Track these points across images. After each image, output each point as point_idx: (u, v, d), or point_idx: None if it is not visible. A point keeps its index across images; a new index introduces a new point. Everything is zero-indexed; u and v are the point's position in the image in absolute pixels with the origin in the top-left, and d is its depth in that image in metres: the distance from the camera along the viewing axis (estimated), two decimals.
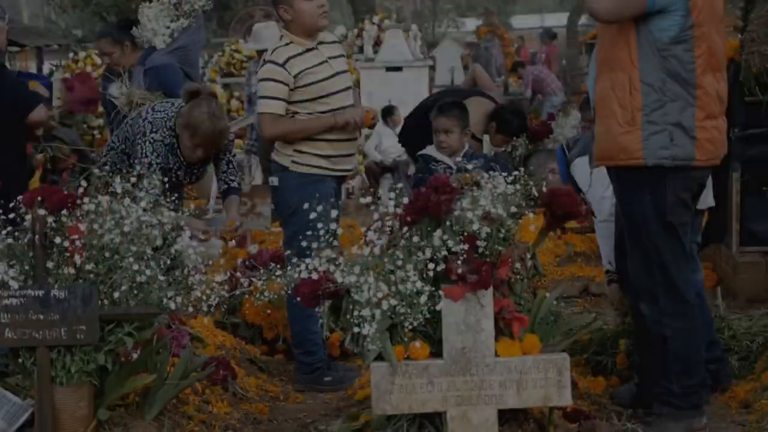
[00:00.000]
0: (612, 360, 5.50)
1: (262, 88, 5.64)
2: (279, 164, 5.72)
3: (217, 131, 5.68)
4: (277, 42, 5.72)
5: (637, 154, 4.44)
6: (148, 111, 5.90)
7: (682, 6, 4.35)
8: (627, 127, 4.45)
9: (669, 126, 4.41)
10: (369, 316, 3.97)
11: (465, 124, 6.40)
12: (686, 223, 4.62)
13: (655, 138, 4.41)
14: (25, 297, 4.02)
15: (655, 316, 4.61)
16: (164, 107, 5.91)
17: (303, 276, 4.11)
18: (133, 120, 5.92)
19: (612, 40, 4.51)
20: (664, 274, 4.55)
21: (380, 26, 19.04)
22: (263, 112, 5.64)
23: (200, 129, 5.62)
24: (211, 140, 5.70)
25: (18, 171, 4.99)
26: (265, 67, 5.65)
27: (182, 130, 5.68)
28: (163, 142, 5.72)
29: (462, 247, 4.03)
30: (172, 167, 5.77)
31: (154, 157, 5.67)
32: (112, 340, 4.11)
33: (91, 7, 26.56)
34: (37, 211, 4.02)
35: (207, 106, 5.65)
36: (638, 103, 4.43)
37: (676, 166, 4.43)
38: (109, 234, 4.07)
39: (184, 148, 5.74)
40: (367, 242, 4.16)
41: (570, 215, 4.33)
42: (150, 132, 5.71)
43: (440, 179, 4.14)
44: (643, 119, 4.43)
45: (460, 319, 4.07)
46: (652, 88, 4.41)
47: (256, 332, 6.40)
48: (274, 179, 5.75)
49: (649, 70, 4.41)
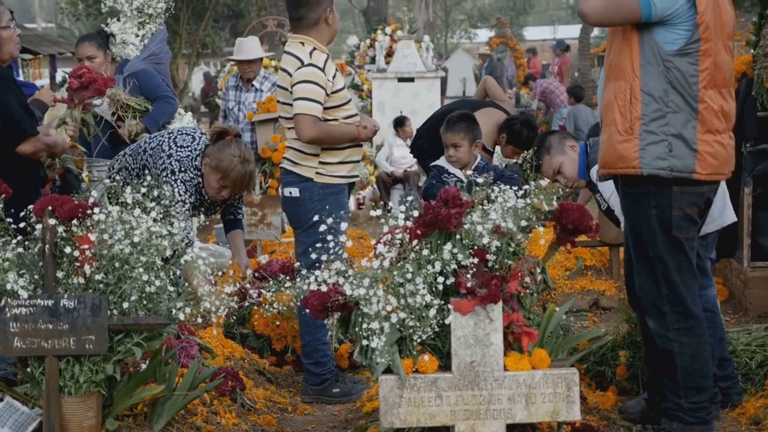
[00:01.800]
0: (612, 371, 5.49)
1: (303, 90, 5.58)
2: (299, 175, 5.72)
3: (247, 175, 5.68)
4: (300, 48, 5.69)
5: (633, 162, 4.45)
6: (170, 145, 5.76)
7: (688, 19, 4.35)
8: (625, 136, 4.46)
9: (669, 137, 4.40)
10: (378, 329, 3.97)
11: (474, 137, 6.39)
12: (692, 237, 4.61)
13: (653, 148, 4.41)
14: (35, 306, 4.02)
15: (662, 331, 4.60)
16: (186, 142, 5.78)
17: (312, 288, 4.11)
18: (153, 150, 5.79)
19: (618, 49, 4.52)
20: (670, 288, 4.55)
21: (393, 37, 19.08)
22: (304, 113, 5.58)
23: (231, 173, 5.60)
24: (241, 184, 5.69)
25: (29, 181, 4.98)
26: (307, 69, 5.60)
27: (210, 171, 5.64)
28: (193, 182, 5.69)
29: (472, 261, 4.03)
30: (197, 205, 5.78)
31: (188, 196, 5.65)
32: (120, 350, 4.11)
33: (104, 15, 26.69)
34: (47, 220, 4.03)
35: (237, 149, 5.63)
36: (637, 112, 4.43)
37: (675, 177, 4.42)
38: (119, 244, 4.08)
39: (209, 188, 5.70)
40: (376, 255, 4.16)
41: (580, 230, 4.32)
42: (179, 171, 5.64)
43: (450, 192, 4.14)
44: (641, 128, 4.43)
45: (469, 332, 4.06)
46: (652, 98, 4.40)
47: (265, 343, 6.40)
48: (294, 190, 5.73)
49: (650, 79, 4.41)
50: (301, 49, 5.67)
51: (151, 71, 7.43)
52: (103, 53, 7.35)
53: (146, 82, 7.30)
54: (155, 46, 7.71)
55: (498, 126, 7.49)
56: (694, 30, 4.36)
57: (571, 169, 5.77)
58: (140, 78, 7.28)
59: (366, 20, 34.49)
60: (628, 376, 5.42)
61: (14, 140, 4.88)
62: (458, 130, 6.38)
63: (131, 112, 6.84)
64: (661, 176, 4.41)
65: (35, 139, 4.93)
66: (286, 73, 5.69)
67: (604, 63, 4.71)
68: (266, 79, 9.93)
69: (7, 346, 4.04)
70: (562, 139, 5.90)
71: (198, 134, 5.85)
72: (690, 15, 4.35)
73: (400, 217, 4.18)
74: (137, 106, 7.00)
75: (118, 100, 6.99)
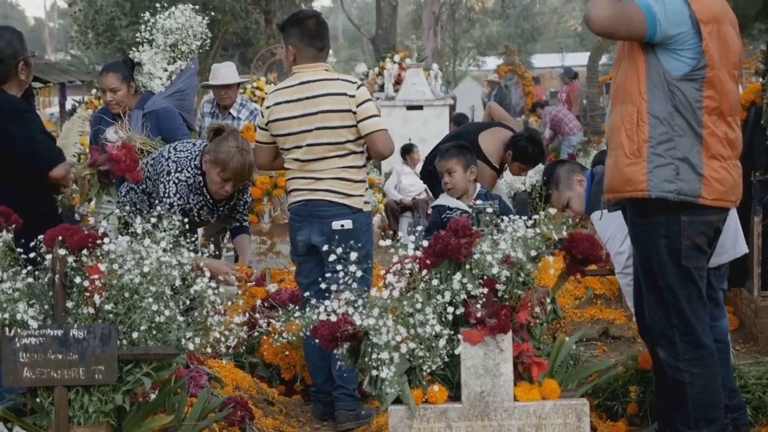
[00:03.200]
0: (623, 407, 5.47)
1: (372, 108, 5.73)
2: (350, 207, 5.74)
3: (246, 164, 5.73)
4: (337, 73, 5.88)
5: (641, 185, 4.44)
6: (170, 151, 5.93)
7: (693, 47, 4.35)
8: (633, 159, 4.45)
9: (676, 160, 4.39)
10: (387, 359, 3.96)
11: (468, 163, 6.43)
12: (702, 267, 4.59)
13: (660, 171, 4.40)
14: (44, 336, 4.02)
15: (673, 362, 4.57)
16: (186, 147, 5.96)
17: (322, 318, 4.11)
18: (155, 160, 5.94)
19: (625, 73, 4.52)
20: (680, 318, 4.53)
21: (401, 65, 19.13)
22: (384, 128, 5.76)
23: (230, 163, 5.66)
24: (241, 174, 5.73)
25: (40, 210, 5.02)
26: (365, 89, 5.79)
27: (210, 166, 5.71)
28: (187, 182, 5.75)
29: (481, 291, 4.02)
30: (193, 207, 5.80)
31: (177, 198, 5.71)
32: (130, 380, 4.10)
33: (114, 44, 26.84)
34: (57, 250, 4.03)
35: (234, 141, 5.71)
36: (645, 135, 4.42)
37: (682, 201, 4.40)
38: (128, 274, 4.08)
39: (212, 184, 5.76)
40: (386, 285, 4.15)
41: (590, 260, 4.31)
42: (174, 171, 5.74)
43: (460, 222, 4.14)
44: (649, 151, 4.42)
45: (479, 363, 4.06)
46: (659, 121, 4.40)
47: (274, 372, 6.39)
48: (346, 222, 5.72)
49: (657, 102, 4.40)
50: (339, 74, 5.86)
51: (172, 111, 7.21)
52: (127, 86, 7.18)
53: (166, 122, 7.08)
54: (182, 82, 7.54)
55: (504, 144, 7.50)
56: (700, 57, 4.36)
57: (578, 204, 5.82)
58: (160, 117, 7.08)
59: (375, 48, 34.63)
60: (639, 413, 5.39)
61: (43, 168, 4.94)
62: (450, 156, 6.43)
63: (144, 155, 6.81)
64: (668, 199, 4.40)
65: (65, 163, 5.02)
66: (342, 96, 5.69)
67: (611, 88, 4.72)
68: (243, 107, 9.66)
69: (17, 377, 4.03)
70: (570, 173, 5.91)
71: (199, 142, 5.96)
72: (694, 42, 4.35)
73: (409, 247, 4.18)
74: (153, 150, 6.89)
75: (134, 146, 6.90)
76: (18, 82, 5.13)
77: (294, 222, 5.92)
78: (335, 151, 5.72)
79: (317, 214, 5.75)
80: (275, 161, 6.02)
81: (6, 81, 5.08)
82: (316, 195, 5.76)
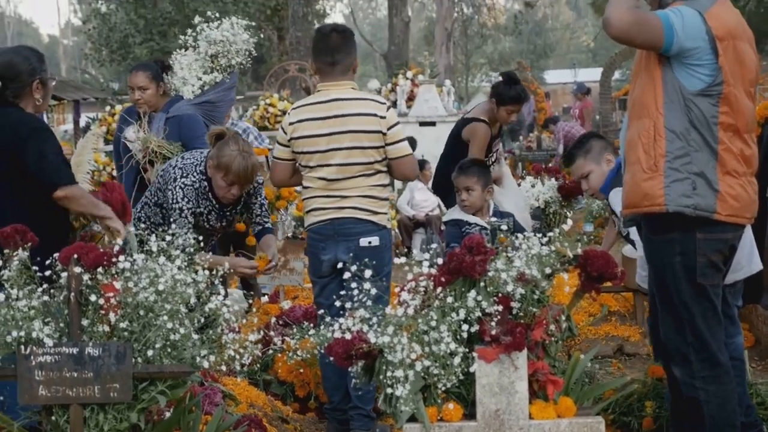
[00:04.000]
0: (638, 422, 5.44)
1: (401, 132, 5.73)
2: (376, 224, 5.73)
3: (249, 166, 5.70)
4: (362, 92, 5.84)
5: (659, 200, 4.42)
6: (178, 159, 5.97)
7: (709, 63, 4.34)
8: (650, 173, 4.43)
9: (692, 175, 4.38)
10: (402, 376, 3.96)
11: (486, 182, 6.43)
12: (717, 284, 4.57)
13: (678, 185, 4.39)
14: (60, 354, 4.03)
15: (688, 379, 4.55)
16: (194, 154, 5.99)
17: (336, 335, 4.10)
18: (164, 170, 5.98)
19: (642, 88, 4.51)
20: (696, 336, 4.50)
21: (414, 81, 19.17)
22: (412, 153, 5.81)
23: (233, 167, 5.65)
24: (245, 176, 5.72)
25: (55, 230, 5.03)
26: (393, 111, 5.79)
27: (214, 171, 5.72)
28: (194, 186, 5.77)
29: (496, 309, 4.02)
30: (203, 212, 5.82)
31: (185, 202, 5.73)
32: (145, 398, 4.11)
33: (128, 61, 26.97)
34: (73, 268, 4.04)
35: (235, 144, 5.70)
36: (662, 150, 4.41)
37: (698, 216, 4.39)
38: (143, 292, 4.09)
39: (218, 189, 5.77)
40: (400, 302, 4.15)
41: (605, 277, 4.30)
42: (180, 177, 5.77)
43: (474, 240, 4.14)
44: (666, 166, 4.40)
45: (493, 380, 4.05)
46: (675, 135, 4.39)
47: (288, 390, 6.39)
48: (373, 239, 5.70)
49: (673, 117, 4.39)
50: (367, 94, 5.84)
51: (196, 118, 7.22)
52: (156, 85, 7.20)
53: (188, 128, 7.09)
54: (215, 94, 7.52)
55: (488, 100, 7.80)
56: (716, 74, 4.35)
57: (597, 181, 5.86)
58: (183, 123, 7.09)
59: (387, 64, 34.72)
60: (655, 429, 5.36)
61: (49, 188, 4.95)
62: (471, 173, 6.43)
63: (161, 158, 6.81)
64: (685, 214, 4.39)
65: (73, 186, 5.00)
66: (373, 117, 5.65)
67: (628, 104, 4.71)
68: (234, 126, 9.50)
69: (33, 395, 4.04)
70: (603, 149, 5.94)
71: (206, 151, 5.97)
72: (710, 59, 4.35)
73: (424, 265, 4.18)
74: (168, 154, 6.88)
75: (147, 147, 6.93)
76: (33, 102, 5.13)
77: (316, 242, 5.83)
78: (364, 171, 5.69)
79: (344, 232, 5.71)
80: (292, 178, 6.00)
81: (21, 98, 5.10)
82: (343, 213, 5.71)
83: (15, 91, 5.08)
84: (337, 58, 5.72)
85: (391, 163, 5.72)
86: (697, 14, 4.34)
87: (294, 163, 5.87)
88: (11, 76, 5.07)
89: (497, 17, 43.67)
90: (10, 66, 5.09)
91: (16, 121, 5.01)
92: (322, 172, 5.72)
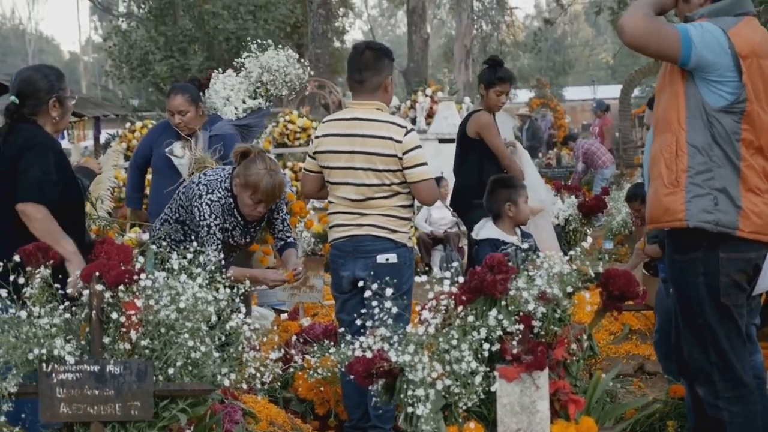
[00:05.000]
0: None
1: (420, 156, 5.66)
2: (395, 242, 5.71)
3: (276, 184, 5.73)
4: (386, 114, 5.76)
5: (680, 215, 4.40)
6: (200, 177, 5.97)
7: (733, 80, 4.33)
8: (671, 188, 4.42)
9: (714, 191, 4.36)
10: (423, 395, 3.95)
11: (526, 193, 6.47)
12: (741, 304, 4.54)
13: (699, 200, 4.37)
14: (81, 372, 4.04)
15: (712, 399, 4.52)
16: (216, 171, 6.01)
17: (357, 354, 4.10)
18: (186, 188, 5.99)
19: (666, 103, 4.50)
20: (719, 356, 4.47)
21: (433, 98, 19.15)
22: (430, 177, 5.75)
23: (260, 185, 5.67)
24: (272, 194, 5.74)
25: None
26: (414, 135, 5.71)
27: (241, 189, 5.74)
28: (219, 203, 5.79)
29: (517, 328, 4.01)
30: (228, 228, 5.84)
31: (212, 219, 5.75)
32: (165, 416, 4.11)
33: (148, 78, 27.10)
34: (95, 286, 4.05)
35: (262, 162, 5.72)
36: (683, 165, 4.40)
37: (719, 233, 4.36)
38: (165, 310, 4.09)
39: (244, 206, 5.79)
40: (421, 321, 4.15)
41: (627, 296, 4.29)
42: (206, 194, 5.78)
43: (496, 258, 4.13)
44: (688, 181, 4.39)
45: (515, 400, 4.04)
46: (697, 151, 4.37)
47: (308, 408, 6.37)
48: (391, 256, 5.68)
49: (696, 132, 4.38)
50: (389, 116, 5.74)
51: (237, 139, 7.22)
52: (195, 107, 7.13)
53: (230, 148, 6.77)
54: (254, 119, 7.58)
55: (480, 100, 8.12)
56: (739, 92, 4.34)
57: None
58: (227, 142, 7.05)
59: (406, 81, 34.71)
60: None
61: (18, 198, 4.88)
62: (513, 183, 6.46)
63: None
64: (706, 230, 4.36)
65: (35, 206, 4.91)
66: (389, 140, 5.62)
67: (652, 120, 4.70)
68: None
69: (54, 412, 4.06)
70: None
71: (229, 167, 5.99)
72: (734, 76, 4.33)
73: (445, 283, 4.17)
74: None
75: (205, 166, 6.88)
76: (50, 120, 5.13)
77: (337, 258, 5.86)
78: (381, 192, 5.69)
79: (362, 249, 5.71)
80: (321, 191, 6.01)
81: (38, 115, 5.11)
82: (362, 230, 5.72)
83: (32, 108, 5.10)
84: (365, 76, 5.72)
85: (410, 187, 5.71)
86: (720, 31, 4.33)
87: (322, 176, 5.89)
88: (29, 93, 5.09)
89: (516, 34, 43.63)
90: (28, 83, 5.11)
91: (24, 138, 5.01)
92: (342, 190, 5.74)
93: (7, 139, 5.01)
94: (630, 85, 23.54)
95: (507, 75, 8.01)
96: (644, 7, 4.40)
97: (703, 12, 4.47)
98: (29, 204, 4.86)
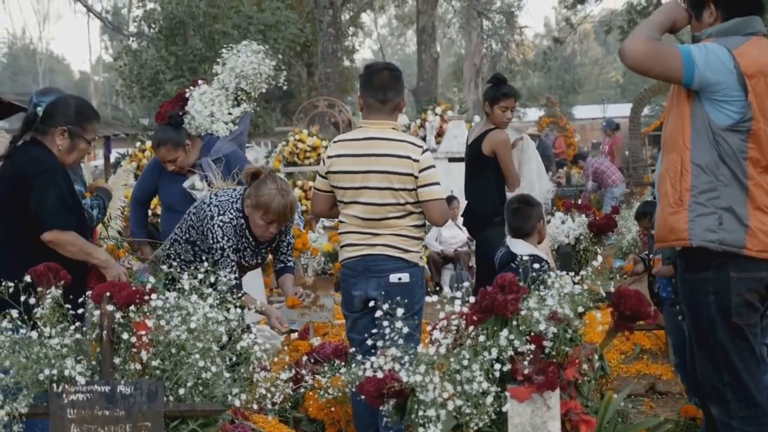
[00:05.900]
0: None
1: (433, 175, 5.65)
2: (407, 261, 5.70)
3: (288, 205, 5.74)
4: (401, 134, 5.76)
5: (683, 234, 4.41)
6: (211, 197, 5.97)
7: (739, 100, 4.33)
8: (675, 207, 4.43)
9: (719, 210, 4.36)
10: (434, 416, 3.94)
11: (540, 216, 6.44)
12: (754, 324, 4.53)
13: (703, 219, 4.37)
14: (92, 392, 4.04)
15: (726, 419, 4.49)
16: (227, 191, 6.00)
17: (368, 374, 4.09)
18: (197, 208, 5.98)
19: (673, 123, 4.52)
20: (732, 376, 4.46)
21: (443, 117, 19.18)
22: (442, 197, 5.73)
23: (272, 206, 5.68)
24: (284, 215, 5.75)
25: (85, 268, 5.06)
26: (429, 155, 5.71)
27: (253, 210, 5.74)
28: (231, 224, 5.79)
29: (528, 348, 4.00)
30: (239, 249, 5.84)
31: (225, 241, 5.75)
32: None
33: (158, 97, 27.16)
34: (105, 306, 4.06)
35: (273, 183, 5.73)
36: (687, 184, 4.40)
37: (726, 252, 4.36)
38: (175, 330, 4.09)
39: (256, 227, 5.79)
40: (432, 341, 4.14)
41: (638, 316, 4.28)
42: (218, 215, 5.78)
43: (507, 278, 4.12)
44: (691, 200, 4.39)
45: (526, 420, 4.02)
46: (702, 170, 4.37)
47: (319, 428, 6.35)
48: (403, 275, 5.66)
49: (701, 151, 4.38)
50: (405, 135, 5.77)
51: (238, 153, 7.19)
52: (183, 148, 6.97)
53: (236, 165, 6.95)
54: (243, 125, 7.49)
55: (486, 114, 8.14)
56: (745, 111, 4.34)
57: None
58: (230, 161, 7.03)
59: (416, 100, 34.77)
60: None
61: (41, 229, 4.96)
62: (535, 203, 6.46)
63: None
64: (710, 249, 4.36)
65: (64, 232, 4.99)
66: (406, 159, 5.61)
67: (662, 140, 4.71)
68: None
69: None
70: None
71: (240, 188, 5.99)
72: (739, 95, 4.33)
73: (456, 303, 4.16)
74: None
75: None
76: (56, 147, 5.16)
77: (348, 277, 5.83)
78: (395, 212, 5.67)
79: (374, 268, 5.69)
80: (332, 210, 6.01)
81: (47, 138, 5.17)
82: (375, 250, 5.70)
83: (44, 129, 5.17)
84: (388, 96, 5.73)
85: (421, 206, 5.70)
86: (725, 50, 4.34)
87: (333, 195, 5.88)
88: (50, 111, 5.19)
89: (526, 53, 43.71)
90: (56, 103, 5.23)
91: (31, 159, 5.06)
92: (355, 209, 5.72)
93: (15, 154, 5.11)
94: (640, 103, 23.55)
95: (511, 90, 8.07)
96: (648, 30, 4.41)
97: (711, 32, 4.48)
98: (56, 232, 5.00)
